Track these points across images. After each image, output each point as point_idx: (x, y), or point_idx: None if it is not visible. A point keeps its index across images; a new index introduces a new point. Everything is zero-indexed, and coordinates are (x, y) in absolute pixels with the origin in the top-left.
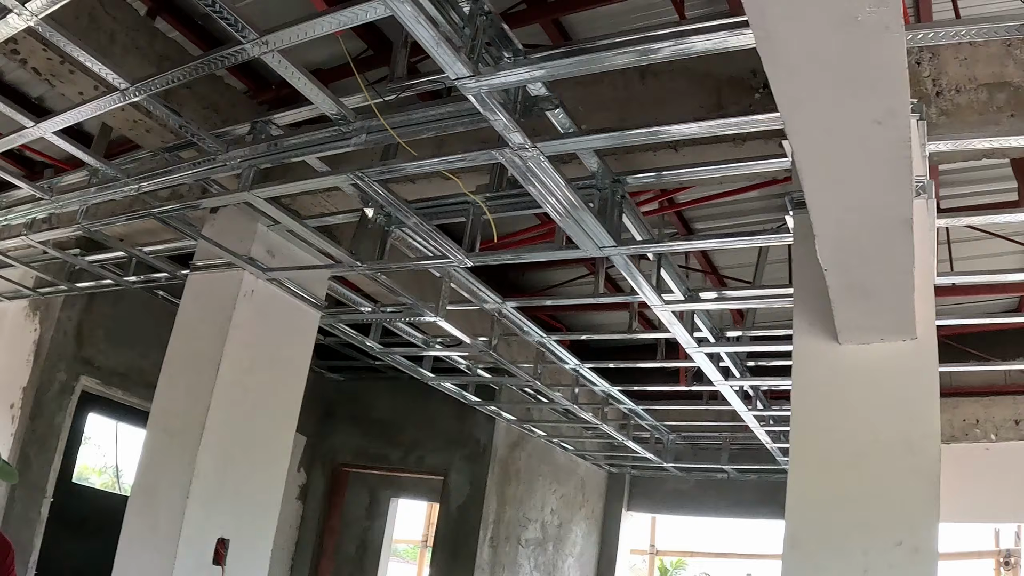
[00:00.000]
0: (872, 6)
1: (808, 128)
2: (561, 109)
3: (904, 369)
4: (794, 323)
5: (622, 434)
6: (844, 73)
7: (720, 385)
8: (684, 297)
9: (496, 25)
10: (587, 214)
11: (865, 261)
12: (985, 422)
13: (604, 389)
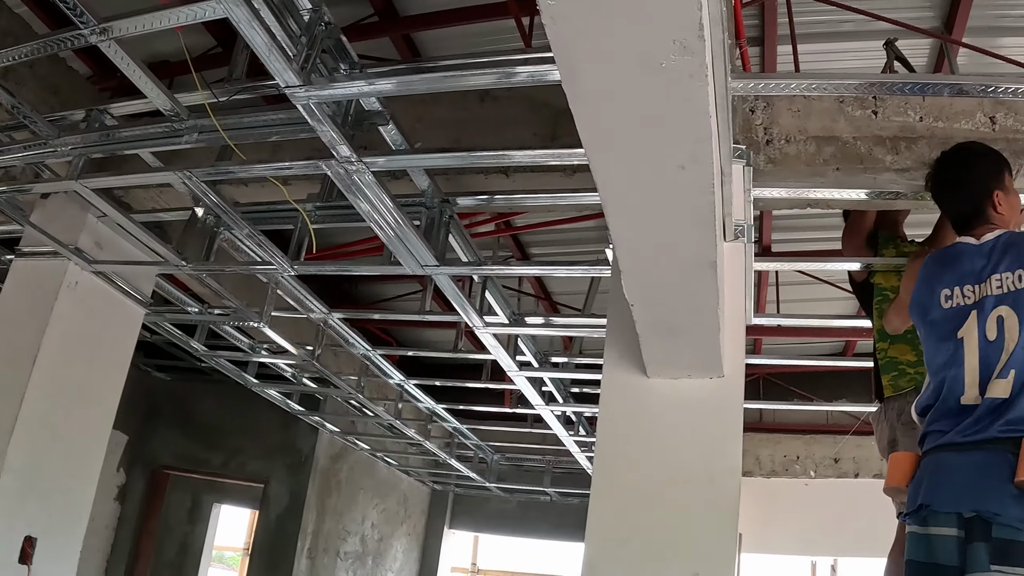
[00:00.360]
0: (676, 54)
1: (612, 167)
2: (393, 125)
3: (709, 406)
4: (605, 354)
5: (446, 452)
6: (649, 117)
7: (541, 409)
8: (508, 321)
9: (334, 36)
10: (410, 231)
11: (671, 300)
12: (806, 459)
13: (429, 406)
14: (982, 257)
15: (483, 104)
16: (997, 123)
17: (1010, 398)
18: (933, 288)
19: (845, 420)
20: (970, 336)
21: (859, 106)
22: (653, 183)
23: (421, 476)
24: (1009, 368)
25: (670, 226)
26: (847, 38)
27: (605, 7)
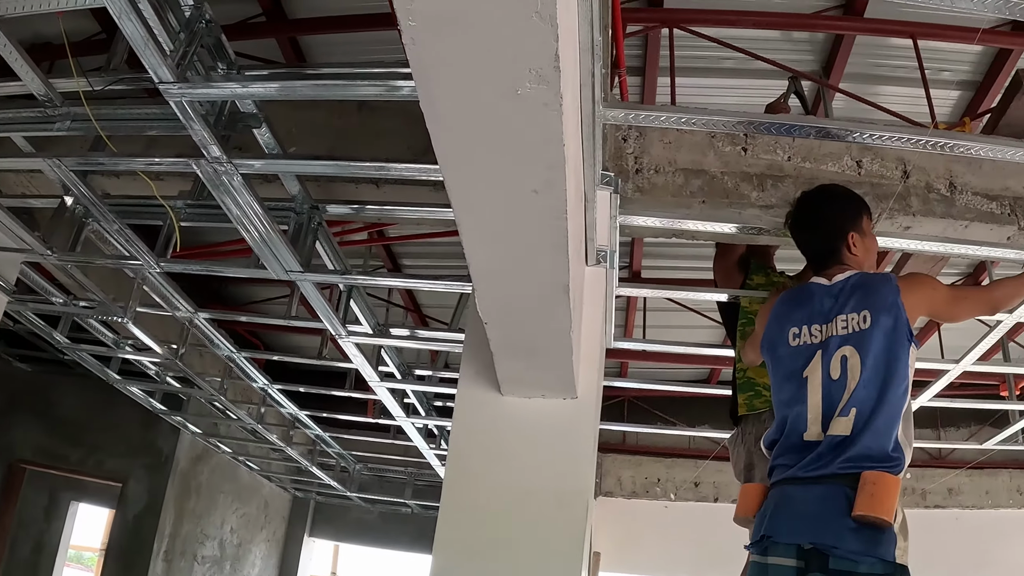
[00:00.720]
0: (532, 83)
1: (466, 188)
2: (267, 128)
3: (562, 426)
4: (461, 370)
5: (308, 459)
6: (504, 142)
7: (403, 421)
8: (372, 331)
9: (214, 34)
10: (277, 236)
11: (524, 321)
12: (666, 482)
13: (292, 412)
14: (831, 298)
15: (360, 113)
16: (863, 167)
17: (851, 435)
18: (783, 326)
19: (707, 445)
20: (814, 375)
21: (729, 142)
22: (507, 206)
23: (283, 482)
24: (850, 407)
25: (523, 249)
26: (727, 75)
27: (464, 33)
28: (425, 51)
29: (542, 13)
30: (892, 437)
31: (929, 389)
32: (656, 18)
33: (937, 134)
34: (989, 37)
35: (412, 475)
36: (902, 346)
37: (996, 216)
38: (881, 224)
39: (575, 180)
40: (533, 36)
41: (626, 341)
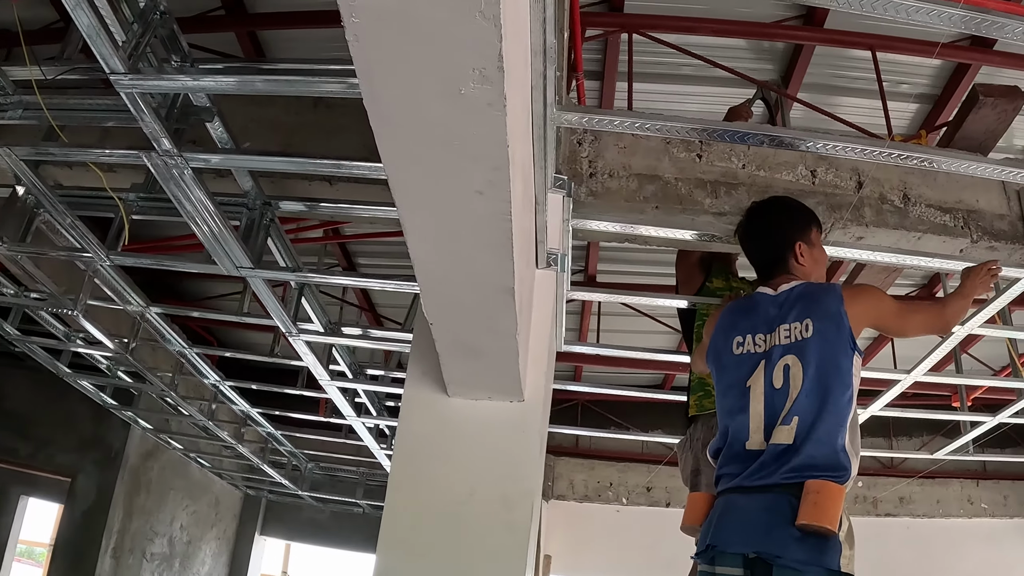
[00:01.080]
0: (476, 82)
1: (409, 187)
2: (220, 123)
3: (508, 429)
4: (408, 370)
5: (259, 457)
6: (448, 142)
7: (353, 421)
8: (324, 330)
9: (169, 26)
10: (228, 232)
11: (469, 322)
12: (619, 486)
13: (243, 409)
14: (776, 307)
15: (316, 110)
16: (818, 177)
17: (794, 444)
18: (728, 335)
19: (660, 450)
20: (757, 384)
21: (685, 148)
22: (450, 206)
23: (234, 480)
24: (792, 415)
25: (467, 250)
26: (686, 81)
27: (407, 30)
28: (368, 48)
29: (485, 12)
30: (837, 446)
31: (881, 398)
32: (616, 22)
33: (892, 146)
34: (948, 51)
35: (364, 475)
36: (845, 355)
37: (949, 228)
38: (834, 234)
39: (523, 182)
40: (477, 35)
41: (579, 345)
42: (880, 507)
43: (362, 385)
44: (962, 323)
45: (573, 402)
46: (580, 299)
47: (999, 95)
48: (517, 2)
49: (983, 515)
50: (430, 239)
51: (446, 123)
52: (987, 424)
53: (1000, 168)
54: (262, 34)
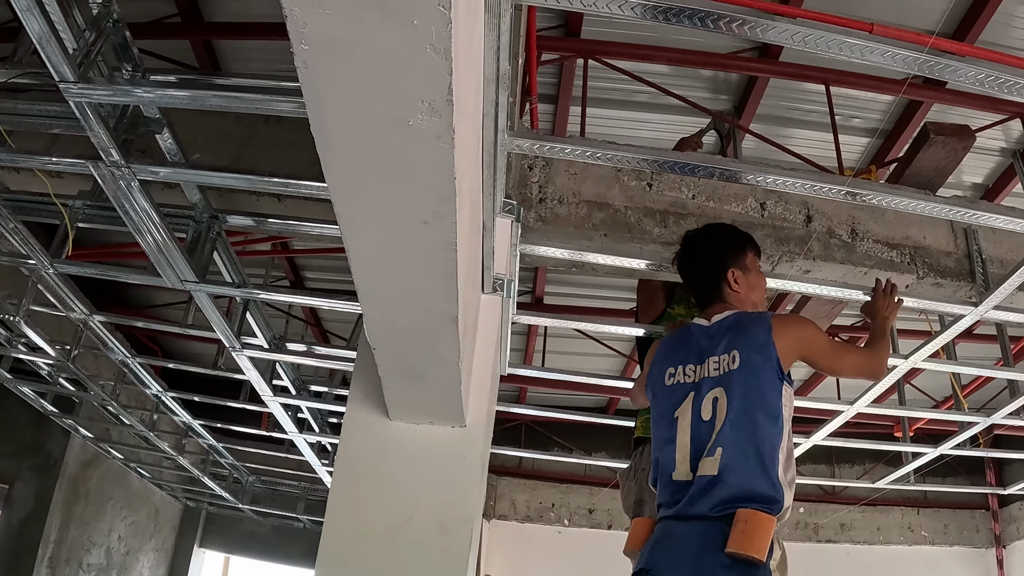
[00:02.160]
0: (424, 114)
1: (355, 214)
2: (170, 134)
3: (449, 454)
4: (350, 391)
5: (200, 469)
6: (395, 172)
7: (295, 436)
8: (268, 346)
9: (121, 34)
10: (173, 245)
11: (412, 349)
12: (561, 507)
13: (185, 421)
14: (707, 338)
15: (268, 124)
16: (767, 209)
17: (718, 475)
18: (662, 366)
19: (603, 473)
20: (684, 415)
21: (635, 177)
22: (395, 234)
23: (174, 491)
24: (717, 446)
25: (412, 278)
26: (640, 108)
27: (357, 59)
28: (317, 75)
29: (436, 45)
30: (766, 477)
31: (823, 429)
32: (572, 48)
33: (842, 181)
34: (899, 88)
35: (305, 489)
36: (772, 386)
37: (896, 264)
38: (781, 267)
39: (470, 210)
40: (426, 68)
41: (524, 368)
42: (821, 533)
43: (305, 402)
44: (906, 357)
45: (516, 422)
46: (527, 323)
47: (950, 134)
48: (471, 32)
49: (923, 543)
50: (374, 266)
51: (393, 153)
52: (929, 455)
53: (948, 208)
54: (218, 44)
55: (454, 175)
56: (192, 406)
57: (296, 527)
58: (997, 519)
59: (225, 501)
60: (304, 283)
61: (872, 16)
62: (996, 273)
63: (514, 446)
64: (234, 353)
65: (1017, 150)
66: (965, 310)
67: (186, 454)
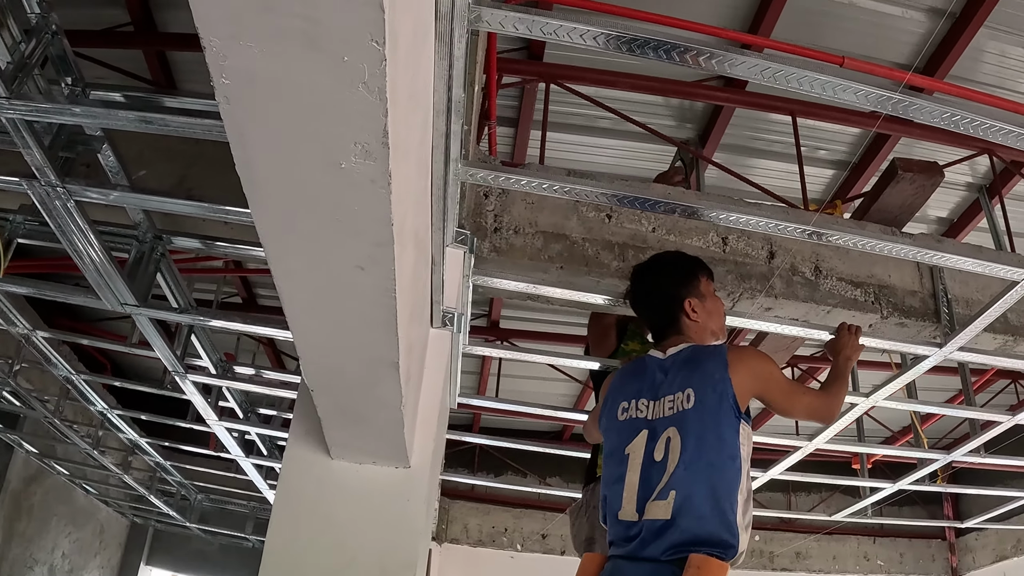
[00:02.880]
0: (358, 157)
1: (286, 258)
2: (111, 152)
3: (392, 495)
4: (291, 427)
5: (146, 486)
6: (326, 215)
7: (241, 460)
8: (214, 370)
9: (60, 46)
10: (112, 266)
11: (351, 392)
12: (514, 532)
13: (131, 438)
14: (663, 372)
15: (216, 144)
16: (729, 244)
17: (671, 520)
18: (616, 400)
19: (557, 498)
20: (636, 453)
21: (594, 208)
22: (329, 280)
23: (121, 507)
24: (669, 489)
25: (348, 323)
26: (601, 134)
27: (284, 97)
28: (240, 112)
29: (370, 84)
30: (721, 521)
31: (781, 463)
32: (534, 71)
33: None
34: (867, 121)
35: (254, 509)
36: (728, 424)
37: (860, 303)
38: (741, 304)
39: (414, 250)
40: (359, 108)
41: (477, 398)
42: (776, 562)
43: (251, 427)
44: (867, 395)
45: (470, 447)
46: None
47: (918, 171)
48: (415, 65)
49: (879, 572)
50: (309, 311)
51: (325, 197)
52: (887, 490)
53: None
54: (172, 55)
55: (391, 221)
56: (140, 422)
57: (245, 546)
58: (954, 550)
59: (173, 519)
60: (257, 301)
61: (843, 47)
62: (961, 314)
63: (467, 470)
64: (177, 377)
65: (983, 185)
66: (929, 351)
67: (133, 471)
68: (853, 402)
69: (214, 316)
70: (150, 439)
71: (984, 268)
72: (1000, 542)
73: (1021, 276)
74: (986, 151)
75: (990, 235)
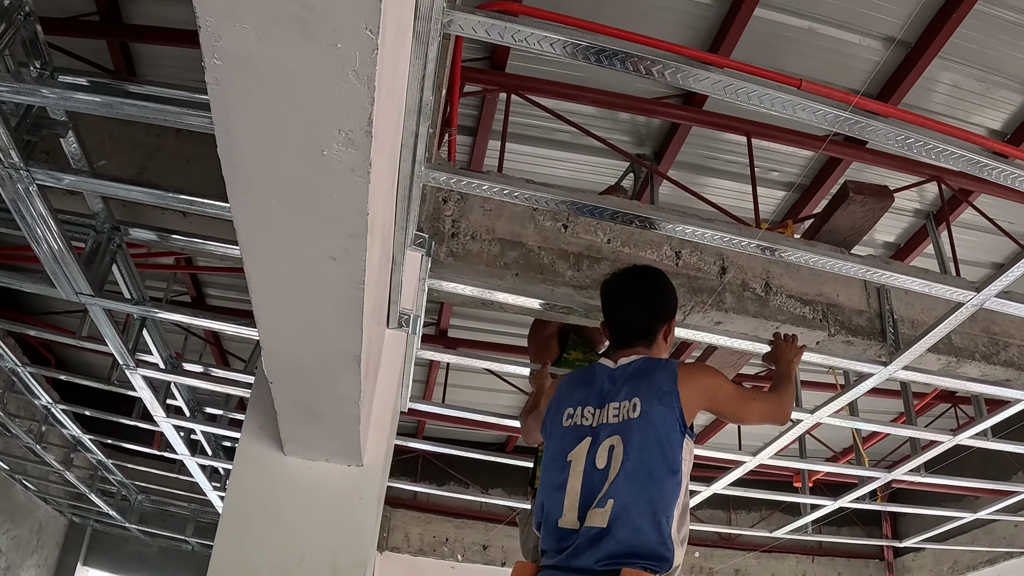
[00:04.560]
0: (341, 144)
1: (259, 246)
2: (75, 138)
3: (344, 494)
4: (245, 422)
5: (87, 484)
6: (304, 204)
7: (186, 459)
8: (164, 365)
9: (32, 29)
10: (70, 256)
11: (311, 385)
12: (455, 542)
13: (74, 435)
14: (611, 381)
15: (178, 135)
16: (682, 259)
17: (607, 528)
18: (561, 405)
19: (499, 509)
20: (578, 460)
21: (551, 217)
22: (300, 269)
23: (60, 506)
24: (608, 497)
25: (315, 315)
26: (560, 147)
27: (273, 81)
28: (228, 94)
29: (359, 72)
30: (657, 533)
31: (724, 479)
32: (496, 81)
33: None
34: (820, 144)
35: (195, 512)
36: (673, 438)
37: (808, 320)
38: (693, 317)
39: (381, 246)
40: (347, 96)
41: (424, 404)
42: None
43: (198, 425)
44: (811, 412)
45: (413, 455)
46: (431, 359)
47: (869, 194)
48: (396, 60)
49: None
50: (276, 299)
51: (304, 184)
52: (828, 507)
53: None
54: (135, 47)
55: (367, 211)
56: (83, 419)
57: (185, 549)
58: (892, 569)
59: (112, 519)
60: (206, 300)
61: (801, 72)
62: (907, 334)
63: (410, 478)
64: (127, 371)
65: (931, 212)
66: (875, 369)
67: (74, 468)
68: (798, 418)
69: (167, 309)
70: (93, 436)
71: (930, 289)
72: (937, 563)
73: (965, 298)
74: (935, 178)
75: (936, 261)
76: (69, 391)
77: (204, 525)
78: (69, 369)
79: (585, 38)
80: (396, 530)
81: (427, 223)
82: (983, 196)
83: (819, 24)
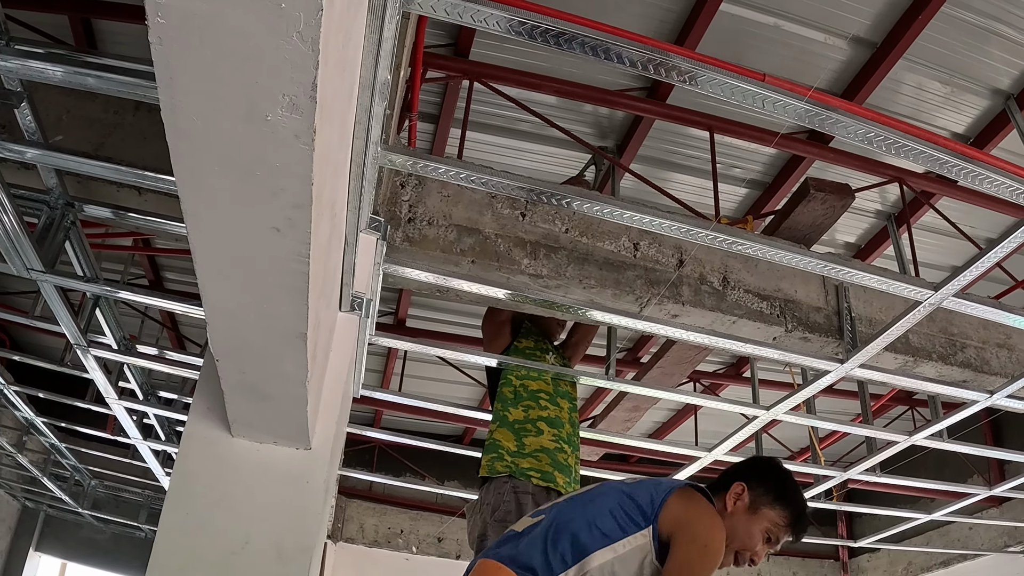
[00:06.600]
0: (285, 109)
1: (202, 214)
2: (30, 111)
3: (292, 477)
4: (193, 402)
5: (40, 469)
6: (247, 170)
7: (139, 443)
8: (117, 346)
9: None
10: (21, 229)
11: (258, 364)
12: (409, 534)
13: (28, 417)
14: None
15: (137, 112)
16: (640, 250)
17: None
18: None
19: (454, 501)
20: None
21: (509, 205)
22: (243, 240)
23: (13, 490)
24: None
25: (260, 289)
26: (522, 137)
27: (216, 41)
28: (171, 54)
29: (304, 34)
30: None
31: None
32: (459, 68)
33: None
34: (784, 142)
35: (149, 498)
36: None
37: (765, 316)
38: (649, 309)
39: (330, 223)
40: (291, 58)
41: (380, 392)
42: None
43: (152, 408)
44: (767, 408)
45: (370, 444)
46: (387, 346)
47: (830, 191)
48: (347, 30)
49: None
50: (221, 273)
51: (247, 149)
52: None
53: (822, 264)
54: (97, 23)
55: (312, 180)
56: (37, 402)
57: (138, 536)
58: (847, 569)
59: (65, 504)
60: (164, 284)
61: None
62: (864, 332)
63: (366, 469)
64: (79, 351)
65: (892, 214)
66: (831, 366)
67: (27, 451)
68: (755, 414)
69: (121, 288)
70: (46, 419)
71: (888, 286)
72: (891, 564)
73: (924, 296)
74: (897, 179)
75: (896, 262)
76: (23, 372)
77: (157, 512)
78: (23, 351)
79: (547, 21)
80: (351, 521)
81: (384, 207)
82: (944, 199)
83: (785, 21)
